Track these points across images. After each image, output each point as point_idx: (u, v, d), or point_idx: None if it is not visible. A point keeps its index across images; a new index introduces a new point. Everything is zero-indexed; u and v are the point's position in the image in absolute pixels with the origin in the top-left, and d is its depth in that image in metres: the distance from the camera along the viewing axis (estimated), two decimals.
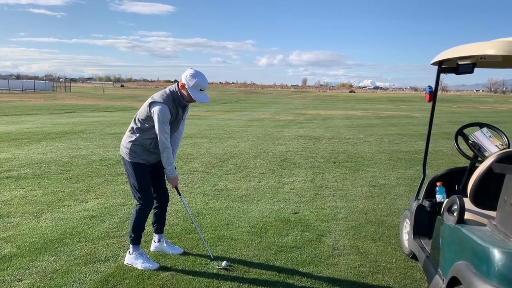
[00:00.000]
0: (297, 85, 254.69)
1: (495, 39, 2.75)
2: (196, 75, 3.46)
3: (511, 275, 2.10)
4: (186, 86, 3.47)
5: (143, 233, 3.74)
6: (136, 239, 3.68)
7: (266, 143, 11.70)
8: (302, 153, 10.05)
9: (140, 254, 3.66)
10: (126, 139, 3.64)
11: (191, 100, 3.53)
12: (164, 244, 3.96)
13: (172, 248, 3.95)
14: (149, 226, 4.44)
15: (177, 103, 3.54)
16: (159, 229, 3.96)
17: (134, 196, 3.66)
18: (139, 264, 3.60)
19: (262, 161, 8.84)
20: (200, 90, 3.50)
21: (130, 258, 3.65)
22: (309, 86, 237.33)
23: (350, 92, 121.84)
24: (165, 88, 3.63)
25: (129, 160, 3.59)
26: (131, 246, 3.68)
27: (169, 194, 3.97)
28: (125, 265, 3.63)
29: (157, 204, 3.85)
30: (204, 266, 3.67)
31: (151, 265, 3.60)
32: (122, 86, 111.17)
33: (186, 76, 3.47)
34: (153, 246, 3.99)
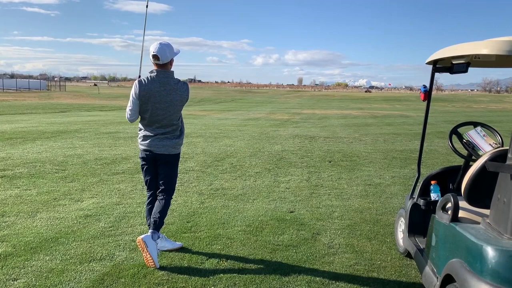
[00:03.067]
0: (292, 84, 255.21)
1: (489, 39, 2.77)
2: None
3: (505, 273, 2.13)
4: (152, 61, 3.64)
5: (139, 231, 3.72)
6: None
7: (262, 142, 11.71)
8: (297, 152, 10.07)
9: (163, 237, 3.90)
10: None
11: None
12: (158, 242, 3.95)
13: (169, 243, 3.96)
14: (144, 225, 4.45)
15: (155, 80, 3.63)
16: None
17: (172, 188, 3.92)
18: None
19: (258, 160, 8.85)
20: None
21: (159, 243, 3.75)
22: (304, 85, 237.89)
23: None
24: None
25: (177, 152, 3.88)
26: (157, 231, 3.72)
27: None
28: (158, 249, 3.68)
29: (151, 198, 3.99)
30: (200, 265, 3.68)
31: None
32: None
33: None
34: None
